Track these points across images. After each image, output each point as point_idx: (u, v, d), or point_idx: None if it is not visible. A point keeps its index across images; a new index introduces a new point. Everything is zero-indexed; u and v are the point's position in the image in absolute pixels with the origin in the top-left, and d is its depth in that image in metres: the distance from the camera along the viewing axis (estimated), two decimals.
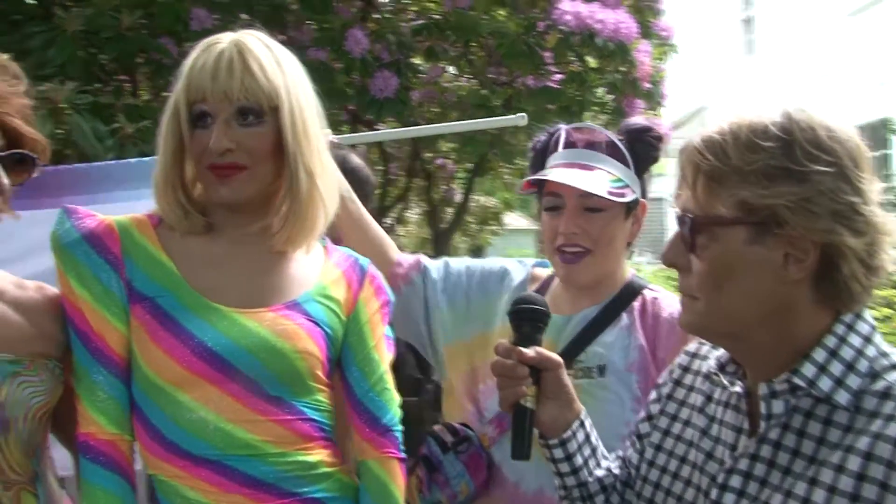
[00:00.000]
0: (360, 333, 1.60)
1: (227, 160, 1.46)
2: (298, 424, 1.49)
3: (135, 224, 1.53)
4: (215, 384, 1.43)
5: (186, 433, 1.43)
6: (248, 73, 1.44)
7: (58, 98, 2.81)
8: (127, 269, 1.48)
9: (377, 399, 1.61)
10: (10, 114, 1.43)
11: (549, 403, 1.45)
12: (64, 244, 1.47)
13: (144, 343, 1.44)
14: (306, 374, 1.50)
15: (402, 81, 3.75)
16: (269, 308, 1.50)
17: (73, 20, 3.21)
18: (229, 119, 1.45)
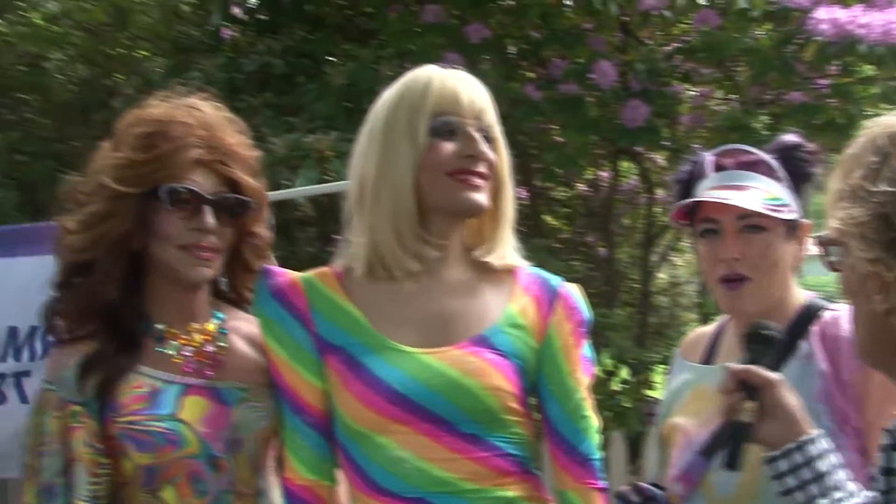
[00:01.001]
0: (553, 360, 1.55)
1: (482, 168, 1.49)
2: (495, 461, 1.48)
3: (318, 277, 1.56)
4: (408, 425, 1.45)
5: (388, 473, 1.46)
6: (481, 93, 1.52)
7: (322, 147, 3.10)
8: (315, 322, 1.51)
9: (574, 427, 1.56)
10: (231, 165, 1.58)
11: (768, 423, 1.38)
12: (258, 302, 1.55)
13: (339, 391, 1.48)
14: (499, 410, 1.48)
15: (654, 109, 3.69)
16: (455, 345, 1.49)
17: (338, 75, 3.52)
18: (474, 132, 1.49)
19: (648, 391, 4.74)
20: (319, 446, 1.52)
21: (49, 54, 5.25)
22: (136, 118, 1.58)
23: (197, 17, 4.74)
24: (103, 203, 1.53)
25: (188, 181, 1.53)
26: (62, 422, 1.53)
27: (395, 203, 1.48)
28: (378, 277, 1.51)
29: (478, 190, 1.48)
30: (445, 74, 1.50)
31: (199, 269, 1.57)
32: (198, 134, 1.54)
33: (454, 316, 1.52)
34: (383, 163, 1.48)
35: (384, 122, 1.50)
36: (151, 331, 1.60)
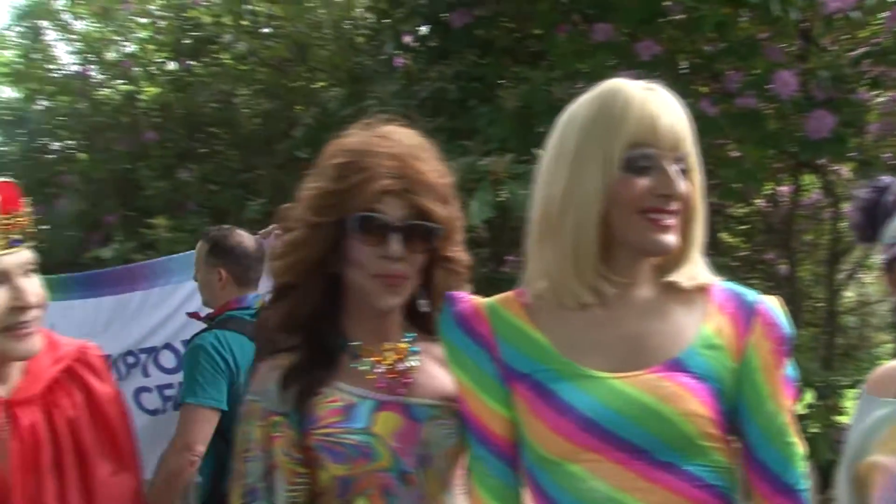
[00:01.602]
0: (752, 381, 1.46)
1: (674, 206, 1.42)
2: (694, 491, 1.40)
3: (502, 303, 1.53)
4: (601, 453, 1.39)
5: (579, 502, 1.41)
6: (681, 118, 1.43)
7: (498, 169, 3.13)
8: (500, 349, 1.48)
9: (778, 453, 1.46)
10: (420, 193, 1.59)
11: None
12: (443, 330, 1.54)
13: (528, 419, 1.44)
14: (696, 436, 1.40)
15: (841, 119, 3.51)
16: (649, 370, 1.42)
17: (511, 98, 3.56)
18: (671, 166, 1.41)
19: (838, 416, 4.50)
20: (505, 475, 1.49)
21: (237, 91, 5.59)
22: (335, 149, 1.65)
23: (371, 48, 4.93)
24: (302, 231, 1.62)
25: (376, 210, 1.58)
26: (265, 430, 1.60)
27: (578, 234, 1.43)
28: (561, 304, 1.47)
29: (668, 231, 1.41)
30: (646, 97, 1.41)
31: (388, 297, 1.61)
32: (388, 164, 1.58)
33: (646, 339, 1.45)
34: (571, 189, 1.43)
35: (575, 145, 1.44)
36: (347, 348, 1.67)
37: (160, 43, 6.19)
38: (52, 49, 6.93)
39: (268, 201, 4.48)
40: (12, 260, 1.62)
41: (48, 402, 1.71)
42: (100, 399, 1.77)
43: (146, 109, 6.27)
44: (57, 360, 1.75)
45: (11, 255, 1.62)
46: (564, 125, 1.48)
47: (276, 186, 4.95)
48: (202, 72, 5.82)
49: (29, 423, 1.66)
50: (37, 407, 1.69)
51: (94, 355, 1.84)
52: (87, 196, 5.96)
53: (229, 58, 5.74)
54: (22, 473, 1.63)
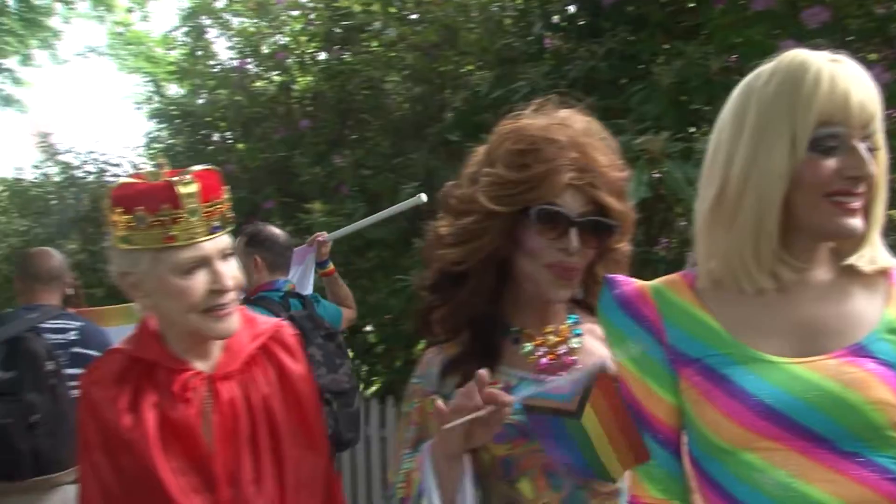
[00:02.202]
0: None
1: (862, 189, 1.36)
2: (884, 485, 1.32)
3: (668, 285, 1.48)
4: (779, 441, 1.34)
5: (757, 493, 1.35)
6: (872, 94, 1.35)
7: (654, 148, 3.08)
8: (667, 333, 1.44)
9: None
10: (600, 188, 1.59)
11: None
12: (604, 313, 1.50)
13: (700, 405, 1.39)
14: (885, 426, 1.33)
15: None
16: (831, 354, 1.36)
17: (666, 74, 3.47)
18: (860, 146, 1.35)
19: None
20: (669, 464, 1.46)
21: (387, 77, 5.69)
22: (511, 132, 1.65)
23: (519, 29, 4.91)
24: (477, 219, 1.63)
25: (558, 203, 1.58)
26: (423, 405, 1.68)
27: (759, 217, 1.37)
28: (733, 286, 1.42)
29: (855, 214, 1.35)
30: (835, 70, 1.33)
31: (559, 289, 1.63)
32: (570, 156, 1.58)
33: (826, 323, 1.39)
34: (753, 169, 1.37)
35: (758, 123, 1.37)
36: (510, 334, 1.69)
37: (312, 34, 6.37)
38: (213, 46, 7.26)
39: (420, 184, 4.55)
40: (212, 245, 1.71)
41: (246, 377, 1.82)
42: (292, 377, 1.86)
43: (300, 99, 6.48)
44: (254, 338, 1.86)
45: (212, 241, 1.71)
46: (743, 100, 1.40)
47: (427, 170, 5.02)
48: (353, 60, 5.95)
49: (229, 397, 1.77)
50: (236, 382, 1.80)
51: (288, 334, 1.93)
52: (246, 184, 6.22)
53: (379, 45, 5.85)
54: (223, 445, 1.74)
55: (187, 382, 1.73)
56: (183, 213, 1.65)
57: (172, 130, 7.67)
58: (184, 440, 1.70)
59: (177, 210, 1.65)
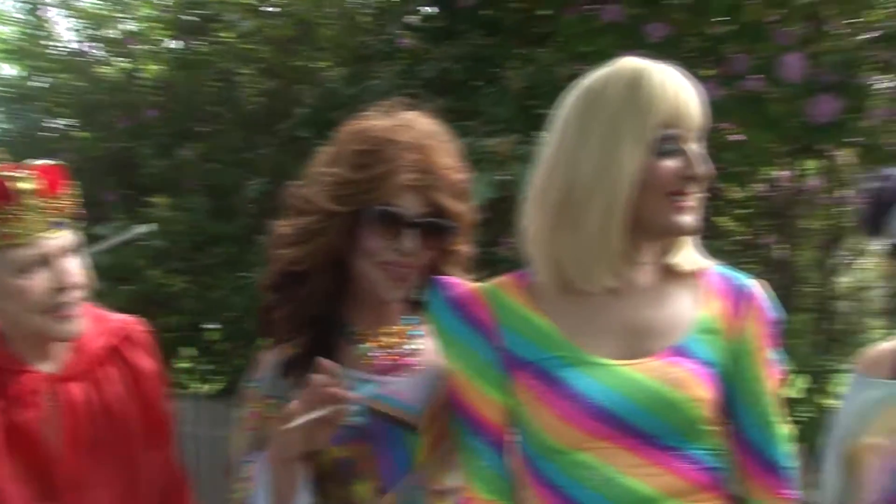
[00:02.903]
0: (744, 363, 1.48)
1: (696, 188, 1.43)
2: (695, 474, 1.42)
3: (502, 288, 1.51)
4: (611, 440, 1.39)
5: (588, 490, 1.40)
6: (701, 100, 1.43)
7: (502, 150, 3.13)
8: (501, 336, 1.46)
9: (766, 434, 1.49)
10: (439, 189, 1.59)
11: None
12: (434, 315, 1.52)
13: (534, 408, 1.43)
14: (700, 420, 1.43)
15: (846, 104, 3.50)
16: (655, 355, 1.43)
17: (517, 79, 3.55)
18: (696, 148, 1.42)
19: (830, 400, 4.53)
20: (500, 466, 1.48)
21: (239, 69, 5.56)
22: (354, 133, 1.64)
23: (376, 28, 4.90)
24: (316, 218, 1.61)
25: (395, 204, 1.57)
26: (259, 409, 1.64)
27: (608, 219, 1.40)
28: (568, 289, 1.45)
29: (692, 211, 1.42)
30: (671, 77, 1.40)
31: (394, 288, 1.62)
32: (411, 157, 1.57)
33: (650, 325, 1.45)
34: (601, 172, 1.39)
35: (605, 126, 1.40)
36: (346, 333, 1.66)
37: (162, 20, 6.14)
38: (53, 25, 6.88)
39: (268, 181, 4.46)
40: (53, 243, 1.63)
41: (95, 377, 1.74)
42: (144, 375, 1.80)
43: (147, 87, 6.24)
44: (103, 336, 1.78)
45: (52, 239, 1.63)
46: (586, 104, 1.43)
47: (276, 166, 4.93)
48: (205, 50, 5.78)
49: (76, 399, 1.70)
50: (84, 383, 1.72)
51: (139, 330, 1.86)
52: (86, 174, 5.94)
53: (232, 36, 5.71)
54: (71, 449, 1.66)
55: (30, 385, 1.66)
56: (20, 210, 1.58)
57: (8, 114, 7.23)
58: (25, 445, 1.63)
59: (14, 207, 1.57)
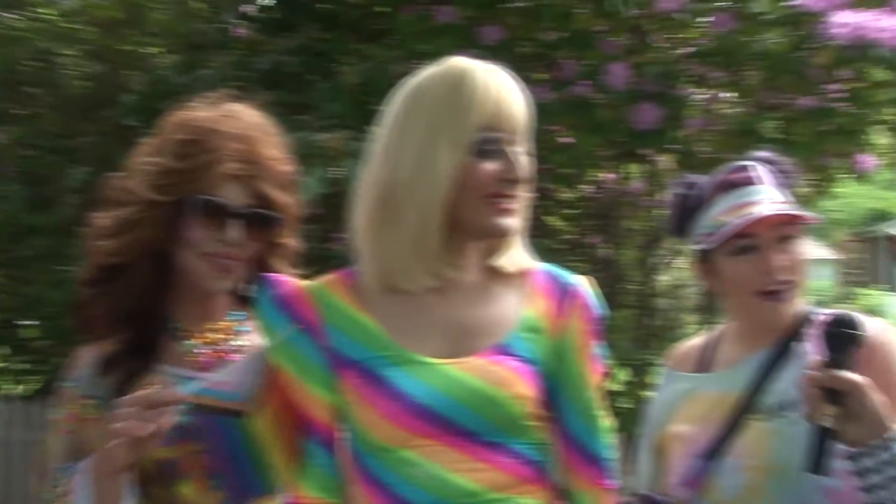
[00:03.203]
0: (567, 359, 1.52)
1: (516, 191, 1.44)
2: (518, 468, 1.45)
3: (328, 286, 1.49)
4: (434, 438, 1.40)
5: (412, 486, 1.41)
6: (524, 102, 1.43)
7: (334, 146, 3.12)
8: (327, 334, 1.45)
9: (588, 426, 1.54)
10: (263, 180, 1.57)
11: (852, 423, 1.40)
12: (261, 314, 1.48)
13: (360, 407, 1.43)
14: (522, 416, 1.45)
15: (666, 112, 3.71)
16: (478, 354, 1.45)
17: (352, 74, 3.54)
18: (517, 151, 1.42)
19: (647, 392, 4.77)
20: (327, 464, 1.47)
21: (61, 50, 5.26)
22: (178, 123, 1.59)
23: (210, 15, 4.76)
24: (136, 209, 1.55)
25: (218, 194, 1.54)
26: (76, 411, 1.57)
27: (424, 219, 1.41)
28: (391, 287, 1.46)
29: (511, 214, 1.43)
30: (493, 79, 1.41)
31: (218, 279, 1.58)
32: (235, 147, 1.54)
33: (473, 324, 1.47)
34: (418, 173, 1.40)
35: (424, 126, 1.40)
36: (170, 329, 1.61)
37: None
38: None
39: (92, 170, 4.25)
40: None
41: None
42: None
43: None
44: None
45: None
46: (407, 104, 1.44)
47: (100, 154, 4.69)
48: (21, 25, 5.44)
49: None
50: None
51: None
52: None
53: (54, 14, 5.40)
54: None
55: None
56: None
57: None
58: None
59: None
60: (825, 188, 4.35)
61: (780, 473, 1.63)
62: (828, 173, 4.27)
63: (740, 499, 1.66)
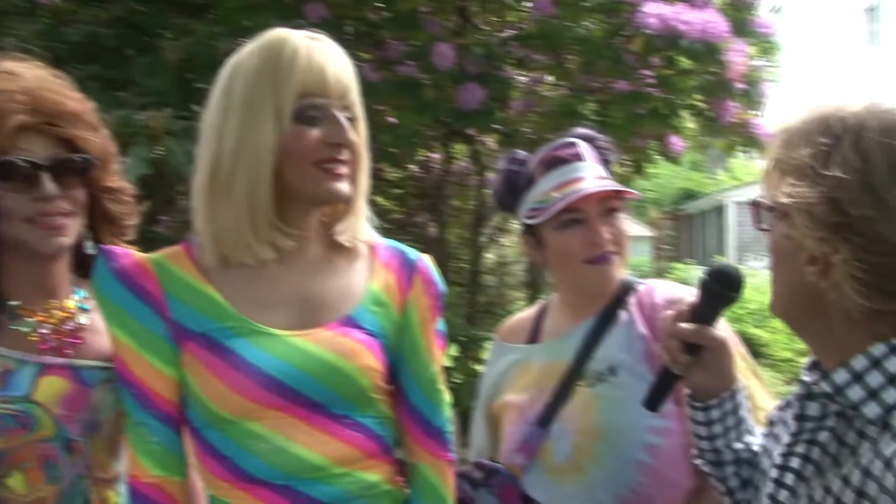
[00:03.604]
0: (411, 334, 1.55)
1: (346, 156, 1.44)
2: (364, 442, 1.47)
3: (170, 258, 1.47)
4: (282, 410, 1.40)
5: (258, 460, 1.40)
6: (347, 67, 1.44)
7: (156, 125, 2.99)
8: (170, 307, 1.43)
9: (429, 401, 1.58)
10: (63, 124, 1.49)
11: (700, 373, 1.45)
12: (99, 286, 1.44)
13: (203, 378, 1.40)
14: (369, 389, 1.47)
15: (490, 93, 3.78)
16: (325, 326, 1.46)
17: (174, 50, 3.40)
18: (340, 115, 1.42)
19: (478, 367, 4.90)
20: (169, 440, 1.44)
21: None
22: None
23: None
24: None
25: (16, 151, 1.45)
26: None
27: (253, 190, 1.40)
28: (231, 261, 1.44)
29: (342, 179, 1.44)
30: (312, 46, 1.41)
31: (51, 239, 1.49)
32: (18, 99, 1.45)
33: (320, 296, 1.48)
34: (242, 145, 1.39)
35: (243, 99, 1.40)
36: (5, 308, 1.51)
37: None
38: None
39: None
40: None
41: None
42: None
43: None
44: None
45: None
46: (230, 78, 1.43)
47: None
48: None
49: None
50: None
51: None
52: None
53: None
54: None
55: None
56: None
57: None
58: None
59: None
60: (640, 168, 4.58)
61: (606, 435, 1.73)
62: (642, 154, 4.50)
63: (570, 461, 1.75)
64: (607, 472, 1.72)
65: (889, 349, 1.11)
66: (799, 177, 1.13)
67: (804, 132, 1.16)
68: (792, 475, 1.21)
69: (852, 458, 1.11)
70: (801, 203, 1.11)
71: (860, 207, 1.07)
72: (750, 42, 4.22)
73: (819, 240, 1.10)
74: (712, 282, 1.43)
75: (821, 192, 1.09)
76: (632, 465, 1.71)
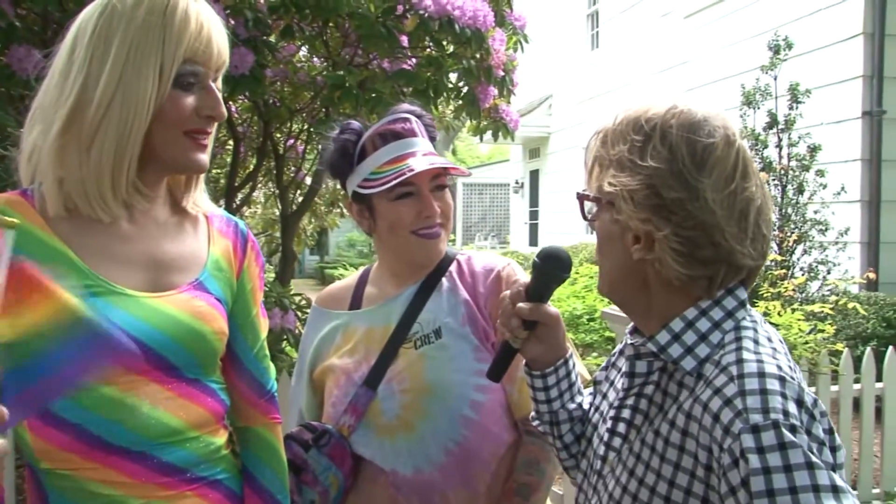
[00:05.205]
0: (245, 301, 1.58)
1: (212, 128, 1.43)
2: (214, 405, 1.48)
3: (11, 206, 1.36)
4: (140, 374, 1.36)
5: (117, 426, 1.34)
6: (226, 40, 1.42)
7: None
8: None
9: (260, 365, 1.61)
10: None
11: (537, 345, 1.54)
12: None
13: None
14: (219, 353, 1.48)
15: (258, 59, 3.71)
16: (179, 289, 1.44)
17: None
18: (216, 87, 1.40)
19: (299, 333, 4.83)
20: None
21: None
22: None
23: None
24: None
25: None
26: None
27: (121, 146, 1.34)
28: (78, 213, 1.37)
29: (205, 150, 1.43)
30: (201, 11, 1.38)
31: None
32: None
33: (170, 259, 1.46)
34: (117, 94, 1.33)
35: (127, 48, 1.33)
36: None
37: None
38: None
39: None
40: None
41: None
42: None
43: None
44: None
45: None
46: (108, 21, 1.35)
47: None
48: None
49: None
50: None
51: None
52: None
53: None
54: None
55: None
56: None
57: None
58: None
59: None
60: None
61: (435, 392, 1.82)
62: None
63: (399, 419, 1.83)
64: (436, 427, 1.81)
65: (699, 312, 1.30)
66: (620, 169, 1.30)
67: (619, 132, 1.33)
68: (624, 424, 1.39)
69: (675, 405, 1.29)
70: (624, 190, 1.28)
71: (672, 191, 1.25)
72: (507, 33, 4.45)
73: (642, 220, 1.27)
74: (544, 264, 1.52)
75: (640, 181, 1.27)
76: (458, 419, 1.81)
